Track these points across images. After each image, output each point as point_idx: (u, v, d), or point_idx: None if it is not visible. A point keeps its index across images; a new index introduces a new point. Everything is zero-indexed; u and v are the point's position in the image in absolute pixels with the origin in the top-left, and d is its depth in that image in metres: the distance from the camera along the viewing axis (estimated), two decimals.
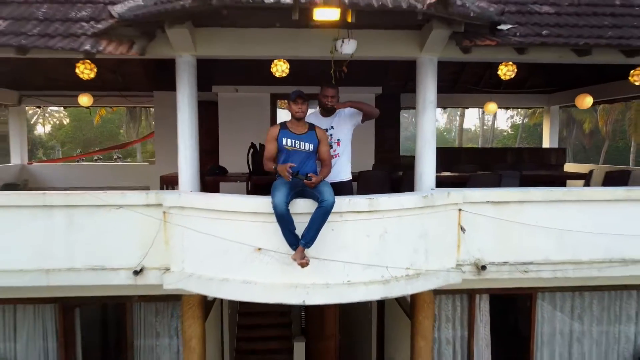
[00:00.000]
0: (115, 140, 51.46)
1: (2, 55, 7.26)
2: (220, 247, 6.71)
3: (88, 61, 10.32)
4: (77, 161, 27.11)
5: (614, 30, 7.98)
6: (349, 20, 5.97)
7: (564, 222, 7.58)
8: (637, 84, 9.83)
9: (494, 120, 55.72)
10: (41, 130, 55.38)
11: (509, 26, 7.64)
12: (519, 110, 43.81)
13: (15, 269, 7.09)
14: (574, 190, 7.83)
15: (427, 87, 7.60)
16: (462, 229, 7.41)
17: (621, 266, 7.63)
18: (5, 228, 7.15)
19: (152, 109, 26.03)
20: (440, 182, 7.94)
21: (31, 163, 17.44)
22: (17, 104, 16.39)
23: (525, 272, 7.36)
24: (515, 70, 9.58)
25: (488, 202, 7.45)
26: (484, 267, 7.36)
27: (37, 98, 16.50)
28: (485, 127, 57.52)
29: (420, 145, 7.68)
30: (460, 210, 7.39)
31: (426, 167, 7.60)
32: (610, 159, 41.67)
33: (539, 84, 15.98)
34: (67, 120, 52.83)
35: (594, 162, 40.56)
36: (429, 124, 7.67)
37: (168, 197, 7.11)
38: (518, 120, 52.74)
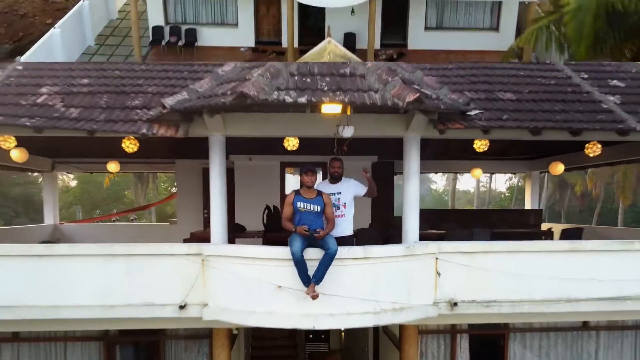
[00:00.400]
0: (121, 202, 53.34)
1: (74, 135, 9.16)
2: (248, 286, 8.60)
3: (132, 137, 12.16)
4: (97, 222, 28.86)
5: (562, 114, 9.89)
6: (348, 113, 7.93)
7: (521, 268, 9.43)
8: (591, 155, 11.64)
9: (491, 182, 57.78)
10: None
11: (477, 111, 9.54)
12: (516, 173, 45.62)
13: (87, 304, 8.94)
14: (527, 243, 9.71)
15: (412, 160, 9.45)
16: (438, 274, 9.22)
17: (566, 303, 9.43)
18: (79, 272, 9.04)
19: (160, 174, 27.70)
20: (424, 237, 9.73)
21: (62, 223, 19.21)
22: (50, 170, 18.20)
23: (487, 306, 9.14)
24: (488, 144, 11.40)
25: (459, 252, 9.32)
26: (455, 304, 9.17)
27: (69, 164, 18.34)
28: (484, 188, 59.73)
29: (406, 207, 9.53)
30: (437, 258, 9.23)
31: (411, 224, 9.42)
32: (604, 221, 43.27)
33: (521, 151, 17.71)
34: (74, 182, 54.37)
35: (588, 223, 42.06)
36: (413, 189, 9.51)
37: (206, 248, 8.99)
38: (516, 182, 54.55)
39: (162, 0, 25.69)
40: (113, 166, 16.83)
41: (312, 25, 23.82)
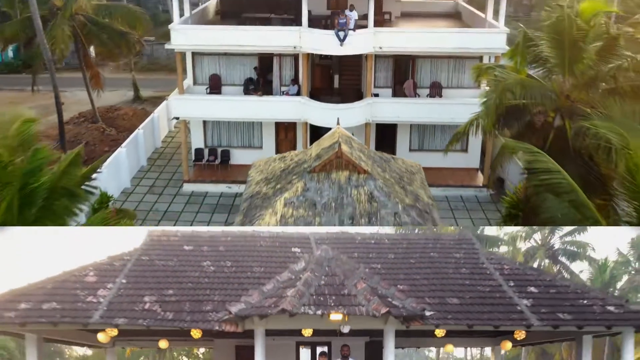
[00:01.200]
0: None
1: (170, 329, 14.20)
2: None
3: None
4: None
5: (488, 314, 15.04)
6: (346, 319, 13.08)
7: None
8: (518, 339, 16.50)
9: (482, 352, 61.60)
10: None
11: (431, 313, 14.63)
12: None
13: None
14: None
15: (389, 344, 14.31)
16: None
17: None
18: None
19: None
20: None
21: None
22: (112, 346, 22.89)
23: None
24: (445, 331, 16.39)
25: None
26: None
27: (126, 341, 23.00)
28: (479, 355, 63.61)
29: None
30: None
31: None
32: None
33: (483, 330, 22.49)
34: (89, 352, 57.90)
35: None
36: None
37: None
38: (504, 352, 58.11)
39: (202, 129, 35.07)
40: (163, 343, 21.41)
41: None
